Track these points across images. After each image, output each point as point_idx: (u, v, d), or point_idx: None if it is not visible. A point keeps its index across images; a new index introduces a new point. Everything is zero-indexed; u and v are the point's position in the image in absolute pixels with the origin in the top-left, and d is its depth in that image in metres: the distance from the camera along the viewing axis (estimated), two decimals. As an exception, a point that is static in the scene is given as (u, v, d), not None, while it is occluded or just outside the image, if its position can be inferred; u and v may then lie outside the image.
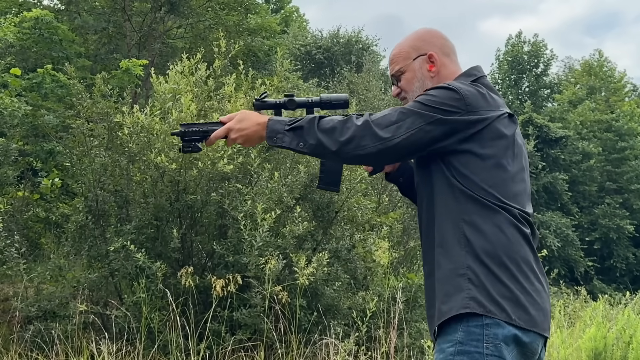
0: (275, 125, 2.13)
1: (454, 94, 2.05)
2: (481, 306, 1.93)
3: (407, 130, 2.03)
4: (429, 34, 2.31)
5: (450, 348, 1.94)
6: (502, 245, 2.00)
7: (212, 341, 5.48)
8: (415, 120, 2.04)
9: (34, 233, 8.93)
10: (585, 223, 25.17)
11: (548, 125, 25.02)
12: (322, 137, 2.06)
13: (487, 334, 1.92)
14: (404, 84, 2.29)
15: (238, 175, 6.39)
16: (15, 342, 5.94)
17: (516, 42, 31.56)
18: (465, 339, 1.93)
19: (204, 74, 6.70)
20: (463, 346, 1.92)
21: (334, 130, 2.05)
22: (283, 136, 2.11)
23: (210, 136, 2.22)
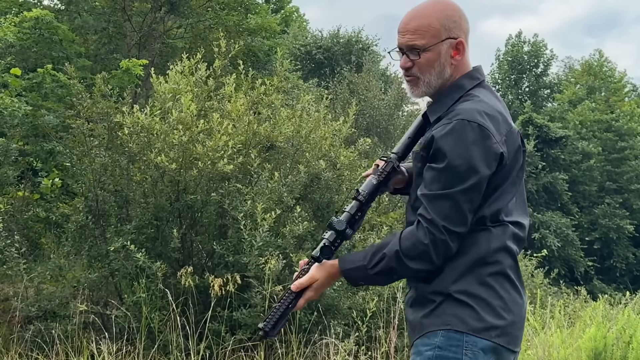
0: (352, 272, 2.04)
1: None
2: (463, 323, 1.94)
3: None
4: (458, 14, 2.09)
5: (428, 352, 1.96)
6: (485, 258, 2.00)
7: (212, 341, 5.49)
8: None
9: (34, 233, 8.93)
10: (585, 223, 25.17)
11: (548, 125, 25.02)
12: (416, 266, 1.97)
13: (467, 340, 1.93)
14: (423, 63, 2.05)
15: (238, 175, 6.39)
16: (16, 342, 5.95)
17: (516, 42, 31.57)
18: (444, 344, 1.94)
19: (204, 74, 6.71)
20: (442, 351, 1.94)
21: (426, 255, 1.96)
22: (370, 280, 2.04)
23: (297, 306, 2.12)
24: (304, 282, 2.05)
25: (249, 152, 6.40)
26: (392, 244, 1.98)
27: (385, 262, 1.97)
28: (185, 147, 6.11)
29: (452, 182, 1.94)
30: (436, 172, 1.96)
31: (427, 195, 1.97)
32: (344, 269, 2.03)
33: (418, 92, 2.11)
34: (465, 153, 1.94)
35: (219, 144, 6.11)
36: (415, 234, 1.96)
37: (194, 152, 6.12)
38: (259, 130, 6.62)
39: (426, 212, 1.96)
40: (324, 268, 2.05)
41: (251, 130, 6.56)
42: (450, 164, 1.94)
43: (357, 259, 2.02)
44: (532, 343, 6.08)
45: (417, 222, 1.97)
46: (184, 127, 6.22)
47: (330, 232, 2.05)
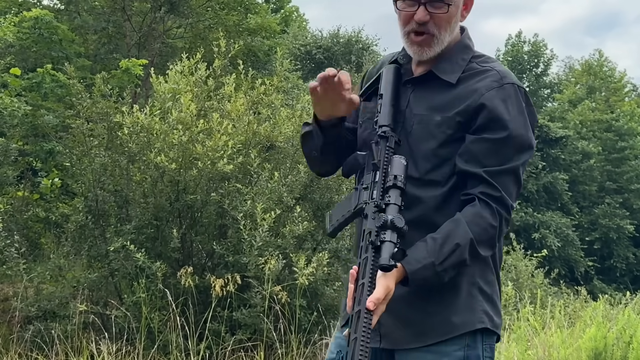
0: (420, 272, 1.71)
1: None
2: (491, 321, 1.85)
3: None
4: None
5: (458, 352, 1.79)
6: (501, 245, 1.92)
7: (212, 341, 5.48)
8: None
9: (33, 233, 8.92)
10: (586, 223, 25.16)
11: (548, 125, 25.01)
12: (484, 252, 1.78)
13: (486, 339, 1.86)
14: (443, 19, 1.81)
15: (238, 175, 6.38)
16: (15, 342, 5.94)
17: (516, 42, 31.57)
18: (472, 342, 1.81)
19: (204, 73, 6.70)
20: (471, 350, 1.80)
21: (493, 240, 1.78)
22: (435, 278, 1.73)
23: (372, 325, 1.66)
24: (380, 296, 1.64)
25: (249, 152, 6.40)
26: (461, 232, 1.72)
27: (457, 254, 1.71)
28: (185, 147, 6.10)
29: (514, 154, 1.78)
30: (494, 143, 1.76)
31: (490, 172, 1.75)
32: (412, 271, 1.70)
33: (430, 54, 1.86)
34: (524, 122, 1.80)
35: (218, 144, 6.11)
36: (484, 216, 1.74)
37: (193, 152, 6.11)
38: (259, 130, 6.61)
39: (494, 190, 1.75)
40: (391, 275, 1.68)
41: (251, 130, 6.56)
42: (511, 135, 1.76)
43: (422, 257, 1.71)
44: (532, 343, 6.08)
45: (480, 201, 1.75)
46: (184, 127, 6.22)
47: (389, 232, 1.65)
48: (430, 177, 1.81)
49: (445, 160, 1.81)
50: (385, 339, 1.84)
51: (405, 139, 1.85)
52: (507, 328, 6.73)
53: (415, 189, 1.80)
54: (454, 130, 1.80)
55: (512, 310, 7.63)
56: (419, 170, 1.82)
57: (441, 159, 1.81)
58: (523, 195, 23.36)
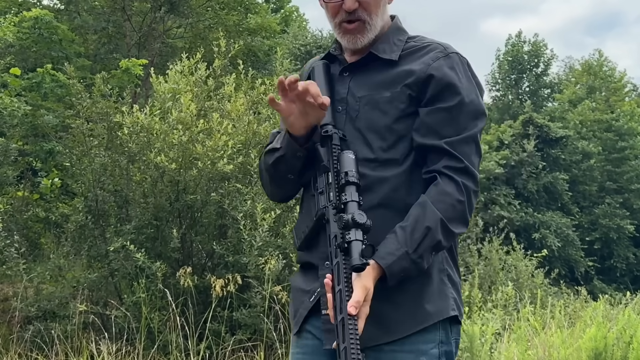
0: (396, 265, 1.62)
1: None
2: (459, 309, 1.76)
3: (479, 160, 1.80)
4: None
5: (434, 350, 1.71)
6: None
7: (212, 341, 5.48)
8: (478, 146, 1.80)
9: (33, 233, 8.92)
10: (586, 223, 25.14)
11: (548, 125, 25.00)
12: (458, 229, 1.70)
13: (454, 329, 1.77)
14: (372, 4, 1.80)
15: (238, 175, 6.38)
16: (15, 342, 5.94)
17: (516, 42, 31.55)
18: (445, 338, 1.74)
19: (204, 73, 6.70)
20: (445, 346, 1.73)
21: (464, 215, 1.70)
22: (412, 267, 1.64)
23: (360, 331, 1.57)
24: (360, 299, 1.56)
25: (249, 152, 6.39)
26: (429, 214, 1.65)
27: (430, 238, 1.64)
28: (185, 147, 6.10)
29: (470, 121, 1.73)
30: (449, 112, 1.72)
31: (450, 142, 1.70)
32: (387, 265, 1.61)
33: (363, 41, 1.82)
34: (474, 89, 1.78)
35: (218, 144, 6.11)
36: (449, 192, 1.67)
37: (193, 152, 6.11)
38: (259, 130, 6.61)
39: (457, 161, 1.69)
40: (367, 274, 1.60)
41: (251, 130, 6.56)
42: (464, 101, 1.73)
43: (394, 249, 1.63)
44: (532, 343, 6.08)
45: (442, 176, 1.69)
46: (184, 127, 6.21)
47: (353, 230, 1.60)
48: (387, 156, 1.75)
49: (400, 137, 1.75)
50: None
51: (352, 126, 1.79)
52: (507, 328, 6.73)
53: (373, 170, 1.74)
54: (406, 105, 1.75)
55: (512, 310, 7.63)
56: (374, 150, 1.76)
57: (396, 135, 1.75)
58: (523, 195, 23.37)
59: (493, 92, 31.68)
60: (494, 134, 25.01)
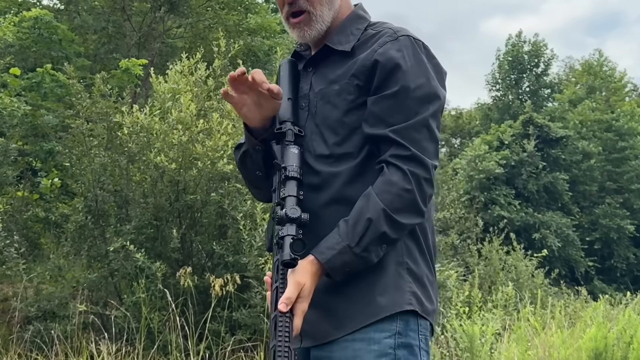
0: (336, 259, 1.58)
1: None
2: (420, 304, 1.68)
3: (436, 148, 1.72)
4: None
5: (388, 339, 1.62)
6: (430, 219, 1.77)
7: (211, 341, 5.47)
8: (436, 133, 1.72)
9: (33, 233, 8.91)
10: (586, 223, 25.14)
11: (549, 125, 24.99)
12: (407, 220, 1.62)
13: (420, 323, 1.68)
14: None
15: (238, 175, 6.38)
16: (15, 342, 5.93)
17: (516, 42, 31.55)
18: (403, 329, 1.65)
19: (204, 73, 6.70)
20: (402, 337, 1.64)
21: (414, 203, 1.63)
22: (358, 260, 1.60)
23: (296, 328, 1.54)
24: (291, 295, 1.53)
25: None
26: (371, 205, 1.59)
27: (372, 230, 1.58)
28: (185, 147, 6.10)
29: (418, 106, 1.65)
30: (394, 98, 1.65)
31: (396, 130, 1.63)
32: (326, 260, 1.58)
33: (311, 33, 1.78)
34: (424, 71, 1.68)
35: (218, 144, 6.10)
36: (394, 181, 1.60)
37: (193, 152, 6.11)
38: (259, 130, 6.60)
39: (403, 149, 1.62)
40: (303, 269, 1.57)
41: (251, 130, 6.55)
42: (411, 85, 1.65)
43: (335, 243, 1.59)
44: (532, 343, 6.07)
45: (389, 165, 1.63)
46: (184, 127, 6.21)
47: (287, 226, 1.57)
48: (341, 151, 1.70)
49: (353, 130, 1.70)
50: (306, 336, 1.68)
51: (312, 122, 1.75)
52: (508, 328, 6.72)
53: (329, 166, 1.71)
54: (355, 96, 1.70)
55: (513, 310, 7.62)
56: (328, 145, 1.72)
57: (349, 128, 1.70)
58: (523, 195, 23.36)
59: (493, 92, 31.68)
60: (494, 134, 25.01)
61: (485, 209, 21.27)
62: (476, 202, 19.35)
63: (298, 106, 1.79)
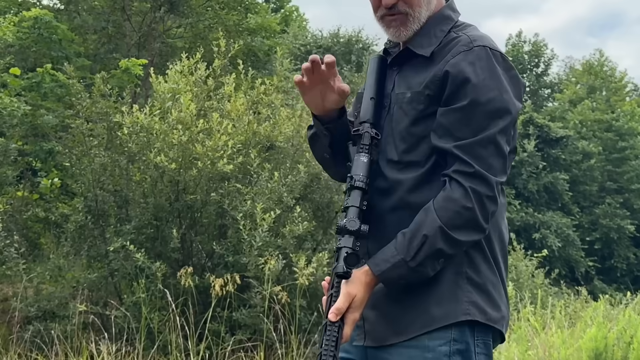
0: (391, 272, 1.63)
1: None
2: (482, 313, 1.68)
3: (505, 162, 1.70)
4: None
5: (443, 347, 1.65)
6: (500, 229, 1.77)
7: (211, 341, 5.47)
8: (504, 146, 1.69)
9: (33, 233, 8.91)
10: (586, 223, 25.14)
11: (549, 125, 24.99)
12: (465, 237, 1.62)
13: (479, 329, 1.69)
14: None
15: (238, 175, 6.38)
16: (15, 342, 5.93)
17: (516, 42, 31.55)
18: (460, 336, 1.66)
19: (204, 73, 6.69)
20: (458, 344, 1.66)
21: (474, 221, 1.62)
22: (414, 274, 1.63)
23: (345, 337, 1.61)
24: (342, 306, 1.59)
25: (249, 152, 6.39)
26: (429, 221, 1.61)
27: (428, 246, 1.59)
28: (185, 147, 6.10)
29: (487, 121, 1.63)
30: (463, 112, 1.63)
31: (461, 146, 1.62)
32: (380, 272, 1.63)
33: (407, 33, 1.77)
34: (497, 84, 1.65)
35: (218, 144, 6.10)
36: (454, 198, 1.60)
37: (193, 152, 6.10)
38: (259, 130, 6.60)
39: (466, 165, 1.61)
40: (357, 280, 1.63)
41: (251, 130, 6.55)
42: (481, 99, 1.63)
43: (390, 256, 1.63)
44: (532, 343, 6.07)
45: (452, 181, 1.63)
46: (184, 127, 6.21)
47: (345, 237, 1.63)
48: (409, 158, 1.71)
49: (421, 139, 1.70)
50: (369, 336, 1.76)
51: (389, 124, 1.77)
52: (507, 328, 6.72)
53: (397, 172, 1.72)
54: (425, 105, 1.70)
55: (513, 310, 7.62)
56: (398, 152, 1.73)
57: (416, 137, 1.71)
58: (523, 195, 23.36)
59: (493, 92, 31.71)
60: (494, 134, 25.01)
61: (486, 209, 21.27)
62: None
63: (381, 105, 1.79)
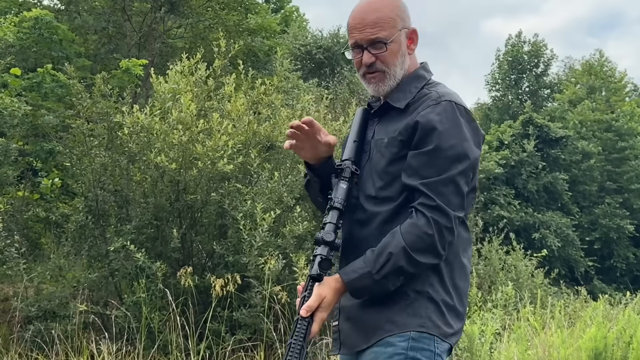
0: (357, 282, 1.90)
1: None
2: (436, 327, 1.92)
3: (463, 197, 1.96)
4: (404, 7, 2.09)
5: (402, 342, 1.90)
6: (459, 256, 2.01)
7: (212, 341, 5.48)
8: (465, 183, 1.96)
9: (34, 233, 8.93)
10: (586, 223, 25.13)
11: (548, 125, 24.97)
12: (424, 259, 1.88)
13: (437, 341, 1.94)
14: (387, 56, 2.02)
15: (238, 175, 6.39)
16: (15, 342, 5.94)
17: (516, 42, 31.55)
18: (417, 336, 1.91)
19: (204, 73, 6.70)
20: (416, 342, 1.90)
21: (433, 247, 1.88)
22: (377, 286, 1.89)
23: (313, 332, 1.89)
24: (312, 304, 1.87)
25: (249, 152, 6.40)
26: (395, 241, 1.87)
27: (392, 263, 1.86)
28: (185, 147, 6.11)
29: (449, 164, 1.90)
30: (429, 156, 1.91)
31: (426, 184, 1.89)
32: (349, 280, 1.90)
33: (385, 88, 2.06)
34: (459, 133, 1.92)
35: (218, 144, 6.11)
36: (419, 225, 1.87)
37: (193, 152, 6.11)
38: (259, 130, 6.61)
39: (429, 199, 1.88)
40: (327, 284, 1.91)
41: (251, 130, 6.56)
42: (445, 145, 1.90)
43: (358, 268, 1.90)
44: (532, 343, 6.08)
45: (417, 212, 1.89)
46: (184, 127, 6.22)
47: (321, 247, 1.92)
48: (384, 194, 1.99)
49: (395, 177, 1.97)
50: (344, 345, 2.05)
51: (369, 166, 2.05)
52: (507, 328, 6.73)
53: (373, 206, 2.00)
54: (399, 149, 1.97)
55: (512, 310, 7.63)
56: (375, 188, 2.01)
57: (391, 176, 1.98)
58: (523, 195, 23.36)
59: (493, 92, 31.67)
60: (494, 134, 25.00)
61: (485, 208, 21.27)
62: (476, 202, 19.37)
63: (362, 149, 2.10)
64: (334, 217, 1.97)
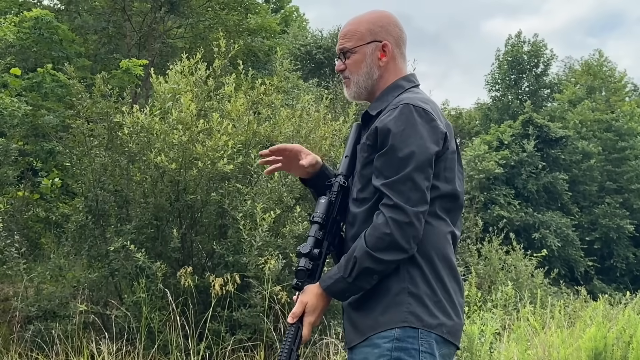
0: (333, 286, 2.05)
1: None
2: (419, 320, 2.01)
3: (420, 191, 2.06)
4: (387, 20, 2.27)
5: (387, 344, 2.00)
6: (439, 249, 2.08)
7: (212, 341, 5.48)
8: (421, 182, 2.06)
9: (34, 233, 8.93)
10: (586, 223, 25.12)
11: (548, 125, 24.96)
12: (389, 257, 1.99)
13: (422, 332, 2.01)
14: (351, 64, 2.25)
15: (238, 175, 6.39)
16: (15, 342, 5.95)
17: (516, 42, 31.55)
18: (402, 335, 1.99)
19: (204, 73, 6.71)
20: (400, 342, 1.99)
21: (394, 244, 1.98)
22: (353, 288, 2.04)
23: (304, 336, 2.09)
24: (296, 311, 2.07)
25: (249, 152, 6.40)
26: (359, 246, 2.01)
27: (358, 265, 2.00)
28: (185, 147, 6.11)
29: (405, 162, 2.00)
30: (387, 157, 2.03)
31: (386, 184, 2.01)
32: (325, 287, 2.06)
33: (350, 93, 2.27)
34: (413, 132, 2.03)
35: (218, 144, 6.11)
36: (377, 226, 1.99)
37: (193, 152, 6.12)
38: (259, 130, 6.61)
39: (388, 199, 1.99)
40: (309, 291, 2.08)
41: (251, 130, 6.56)
42: (400, 145, 2.01)
43: (333, 273, 2.06)
44: (532, 343, 6.08)
45: (378, 213, 2.01)
46: (184, 127, 6.22)
47: (301, 259, 2.10)
48: (362, 196, 2.13)
49: (368, 180, 2.10)
50: (345, 341, 2.20)
51: (355, 170, 2.21)
52: (507, 328, 6.74)
53: (356, 207, 2.15)
54: (369, 153, 2.11)
55: (512, 310, 7.64)
56: (356, 191, 2.16)
57: (366, 178, 2.12)
58: (523, 195, 23.36)
59: (493, 92, 31.65)
60: (494, 134, 24.99)
61: (485, 208, 21.27)
62: (476, 202, 19.36)
63: (354, 162, 2.26)
64: (314, 230, 2.14)
